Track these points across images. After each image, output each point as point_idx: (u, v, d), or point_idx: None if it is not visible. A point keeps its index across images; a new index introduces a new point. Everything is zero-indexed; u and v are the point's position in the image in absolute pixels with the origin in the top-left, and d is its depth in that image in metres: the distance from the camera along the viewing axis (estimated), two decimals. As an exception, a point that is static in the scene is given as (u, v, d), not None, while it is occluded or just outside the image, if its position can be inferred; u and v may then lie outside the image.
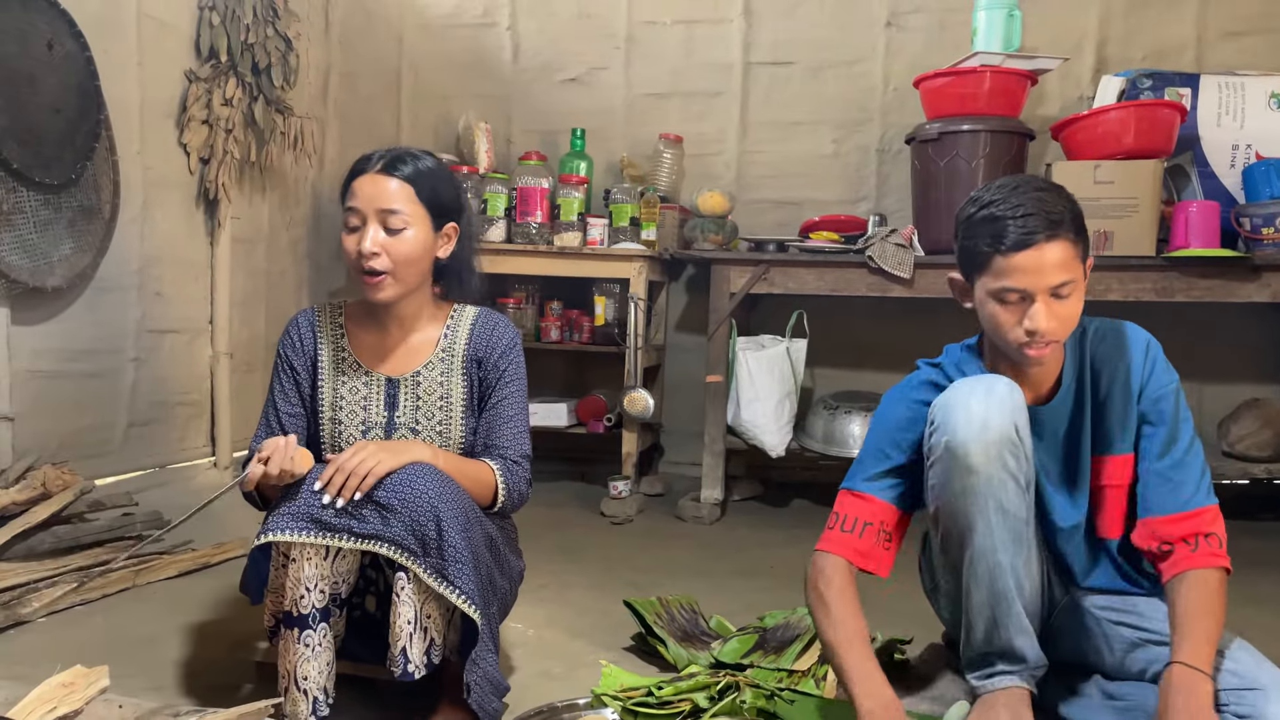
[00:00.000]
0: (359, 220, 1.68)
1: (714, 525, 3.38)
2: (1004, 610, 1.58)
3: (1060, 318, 1.53)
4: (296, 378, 1.79)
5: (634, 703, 1.67)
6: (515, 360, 1.80)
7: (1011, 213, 1.52)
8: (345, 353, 1.79)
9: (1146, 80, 3.32)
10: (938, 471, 1.60)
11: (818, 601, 1.63)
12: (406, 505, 1.51)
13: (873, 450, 1.71)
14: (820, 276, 3.38)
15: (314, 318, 1.82)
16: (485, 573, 1.61)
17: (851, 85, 3.92)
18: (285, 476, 1.54)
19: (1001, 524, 1.55)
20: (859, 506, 1.68)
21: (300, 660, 1.52)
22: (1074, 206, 1.55)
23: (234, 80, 3.20)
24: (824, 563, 1.66)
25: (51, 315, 2.70)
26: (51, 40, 2.57)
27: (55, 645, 1.97)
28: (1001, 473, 1.54)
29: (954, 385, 1.62)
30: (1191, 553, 1.53)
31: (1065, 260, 1.51)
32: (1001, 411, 1.54)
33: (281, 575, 1.54)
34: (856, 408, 3.49)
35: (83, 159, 2.67)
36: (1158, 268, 3.11)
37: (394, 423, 1.75)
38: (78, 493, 2.46)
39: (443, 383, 1.77)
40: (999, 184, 1.58)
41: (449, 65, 4.21)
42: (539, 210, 3.68)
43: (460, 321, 1.82)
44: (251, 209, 3.50)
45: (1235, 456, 3.28)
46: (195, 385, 3.30)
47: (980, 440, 1.53)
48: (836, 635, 1.57)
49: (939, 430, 1.59)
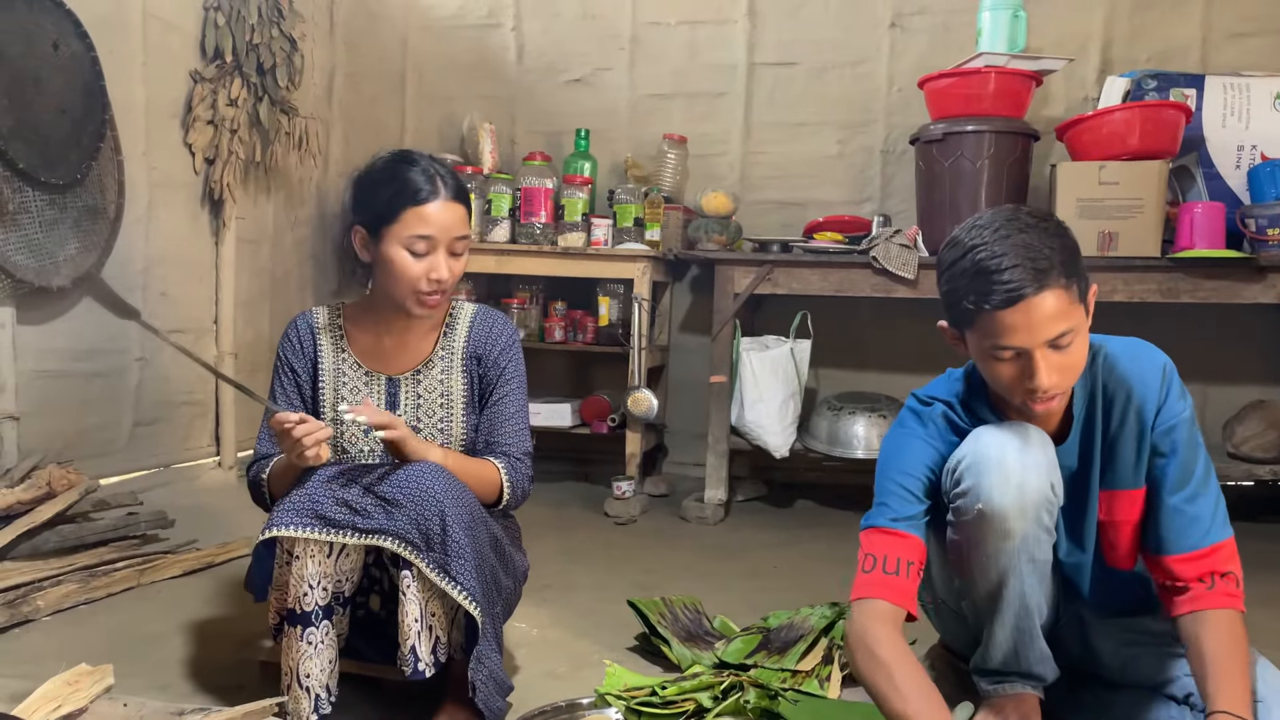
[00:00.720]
0: (429, 247, 1.67)
1: (718, 526, 3.38)
2: (1026, 645, 1.57)
3: (1062, 368, 1.42)
4: (297, 379, 1.80)
5: (638, 702, 1.67)
6: (515, 357, 1.82)
7: (995, 265, 1.37)
8: (345, 353, 1.80)
9: (1151, 81, 3.32)
10: (967, 532, 1.53)
11: (871, 665, 1.42)
12: (412, 500, 1.52)
13: (896, 489, 1.55)
14: (824, 277, 3.38)
15: (312, 320, 1.82)
16: (490, 572, 1.62)
17: (856, 86, 3.92)
18: (306, 455, 1.55)
19: (1031, 572, 1.52)
20: (897, 545, 1.51)
21: (303, 658, 1.53)
22: (1065, 243, 1.41)
23: (239, 81, 3.21)
24: (869, 614, 1.47)
25: (57, 315, 2.70)
26: (57, 40, 2.58)
27: (60, 644, 1.98)
28: (1037, 531, 1.49)
29: (982, 438, 1.51)
30: (1207, 591, 1.46)
31: (1060, 310, 1.38)
32: (1039, 472, 1.47)
33: (285, 573, 1.55)
34: (860, 409, 3.49)
35: (88, 159, 2.68)
36: (1163, 269, 3.11)
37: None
38: (83, 492, 2.46)
39: (443, 380, 1.78)
40: (981, 223, 1.44)
41: (453, 66, 4.22)
42: (543, 211, 3.68)
43: (459, 319, 1.83)
44: (256, 209, 3.51)
45: (1239, 458, 3.27)
46: (200, 385, 3.31)
47: (1018, 505, 1.46)
48: (908, 708, 1.36)
49: (970, 494, 1.49)
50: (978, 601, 1.59)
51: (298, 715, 1.52)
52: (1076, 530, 1.63)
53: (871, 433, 3.42)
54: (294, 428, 1.54)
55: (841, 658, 1.91)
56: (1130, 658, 1.63)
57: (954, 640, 1.83)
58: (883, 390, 3.60)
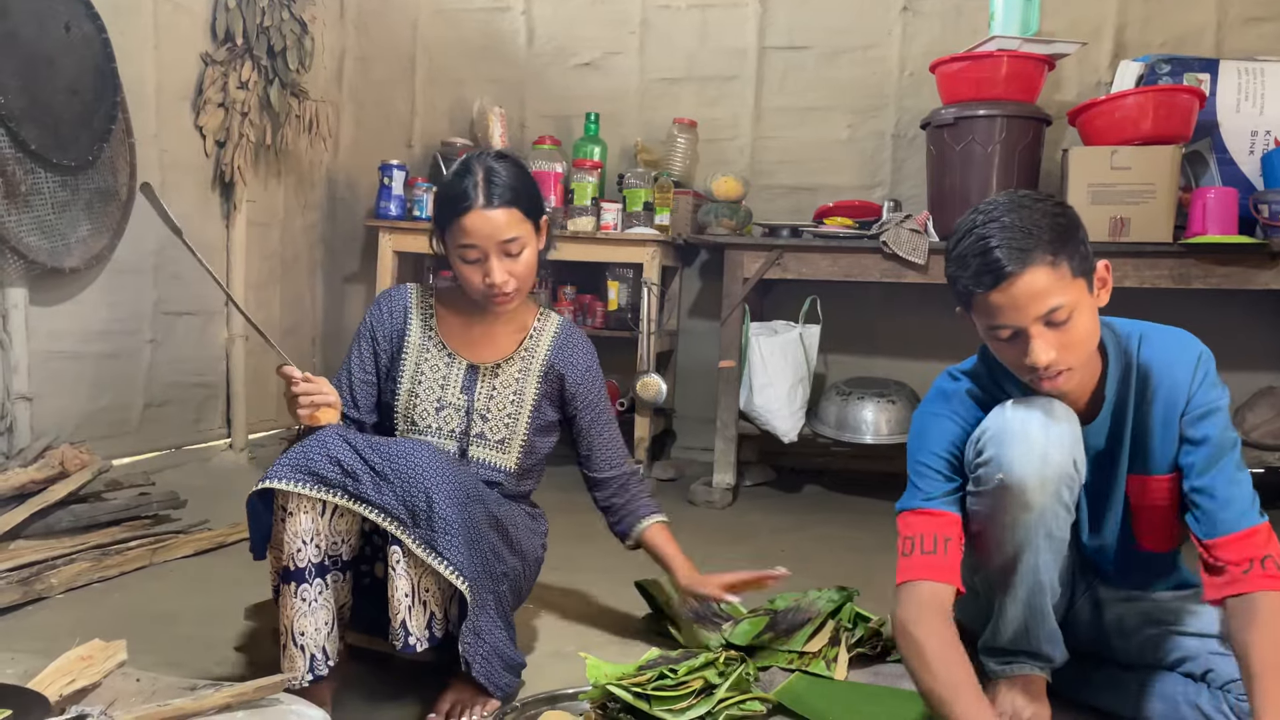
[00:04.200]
0: (479, 255, 1.73)
1: (726, 510, 3.38)
2: (1037, 622, 1.57)
3: (1064, 345, 1.43)
4: (376, 348, 1.86)
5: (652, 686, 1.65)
6: (599, 380, 1.95)
7: (981, 247, 1.41)
8: (433, 333, 1.87)
9: (1165, 65, 3.29)
10: (987, 502, 1.53)
11: (907, 645, 1.46)
12: (400, 476, 1.53)
13: (925, 470, 1.58)
14: (834, 262, 3.37)
15: (406, 295, 1.90)
16: (488, 549, 1.63)
17: (867, 70, 3.90)
18: (300, 413, 1.59)
19: (1047, 548, 1.52)
20: (932, 523, 1.53)
21: (297, 615, 1.52)
22: (1056, 221, 1.42)
23: (249, 63, 3.21)
24: (910, 597, 1.49)
25: (69, 296, 2.72)
26: (69, 22, 2.58)
27: (73, 621, 1.99)
28: (1056, 506, 1.49)
29: (1007, 410, 1.51)
30: (1244, 575, 1.44)
31: (1048, 285, 1.39)
32: (1062, 446, 1.47)
33: (281, 530, 1.55)
34: (869, 394, 3.48)
35: (100, 141, 2.68)
36: (1175, 254, 3.09)
37: (470, 407, 1.83)
38: (95, 472, 2.48)
39: (519, 379, 1.86)
40: (980, 208, 1.47)
41: (463, 50, 4.21)
42: (552, 195, 3.68)
43: (545, 328, 1.91)
44: (266, 192, 3.52)
45: (1250, 445, 3.25)
46: (211, 367, 3.33)
47: (1039, 478, 1.46)
48: (935, 683, 1.40)
49: (992, 464, 1.49)
50: (991, 575, 1.60)
51: (293, 675, 1.50)
52: (1101, 512, 1.64)
53: (880, 418, 3.42)
54: (296, 384, 1.59)
55: (848, 640, 1.92)
56: (1147, 638, 1.63)
57: (966, 617, 1.84)
58: (892, 376, 3.60)
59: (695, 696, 1.63)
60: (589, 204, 3.66)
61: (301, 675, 1.51)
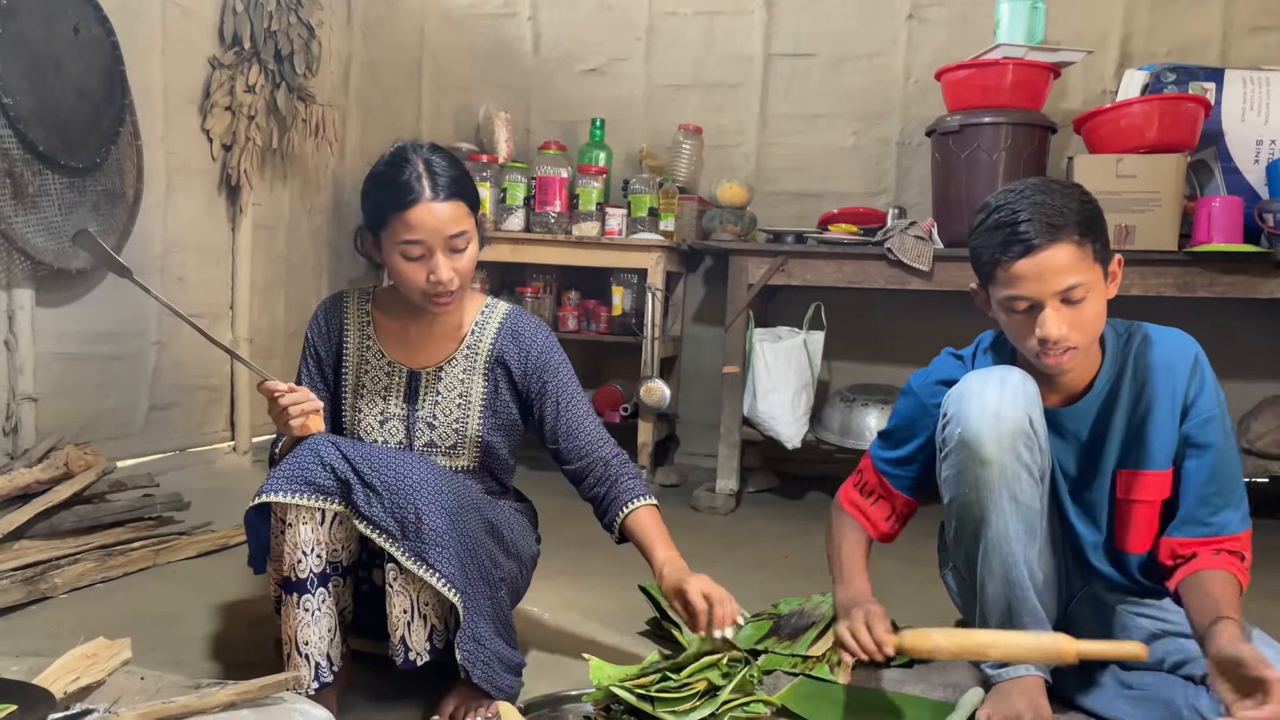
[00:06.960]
0: (423, 251, 1.63)
1: (729, 516, 3.38)
2: (1018, 599, 1.58)
3: (1074, 323, 1.49)
4: (320, 363, 1.81)
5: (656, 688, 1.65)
6: (554, 361, 1.79)
7: (1011, 219, 1.49)
8: (370, 341, 1.79)
9: (1170, 74, 3.29)
10: (951, 463, 1.59)
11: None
12: (388, 488, 1.51)
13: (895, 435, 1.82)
14: (838, 268, 3.38)
15: (342, 304, 1.82)
16: (484, 557, 1.61)
17: (872, 77, 3.91)
18: (291, 424, 1.55)
19: (1015, 514, 1.55)
20: (882, 485, 1.82)
21: (300, 625, 1.52)
22: (1085, 207, 1.50)
23: (257, 67, 3.22)
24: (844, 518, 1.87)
25: (75, 298, 2.72)
26: (78, 24, 2.59)
27: (77, 621, 1.99)
28: (1015, 464, 1.53)
29: (967, 376, 1.61)
30: (1212, 556, 1.52)
31: (1071, 263, 1.47)
32: (1015, 403, 1.53)
33: (281, 542, 1.54)
34: (873, 400, 3.48)
35: (107, 143, 2.69)
36: (1180, 263, 3.09)
37: (412, 416, 1.76)
38: (99, 473, 2.49)
39: (463, 380, 1.77)
40: (1007, 188, 1.55)
41: (470, 55, 4.23)
42: (557, 200, 3.68)
43: (489, 319, 1.81)
44: (273, 196, 3.52)
45: (1255, 454, 3.25)
46: (215, 370, 3.33)
47: (994, 431, 1.52)
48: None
49: (952, 421, 1.58)
50: (968, 550, 1.63)
51: (299, 684, 1.50)
52: (1088, 504, 1.66)
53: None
54: (282, 396, 1.55)
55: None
56: (1149, 639, 1.62)
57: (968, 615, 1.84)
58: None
59: (699, 698, 1.63)
60: (594, 209, 3.67)
61: (307, 684, 1.52)
